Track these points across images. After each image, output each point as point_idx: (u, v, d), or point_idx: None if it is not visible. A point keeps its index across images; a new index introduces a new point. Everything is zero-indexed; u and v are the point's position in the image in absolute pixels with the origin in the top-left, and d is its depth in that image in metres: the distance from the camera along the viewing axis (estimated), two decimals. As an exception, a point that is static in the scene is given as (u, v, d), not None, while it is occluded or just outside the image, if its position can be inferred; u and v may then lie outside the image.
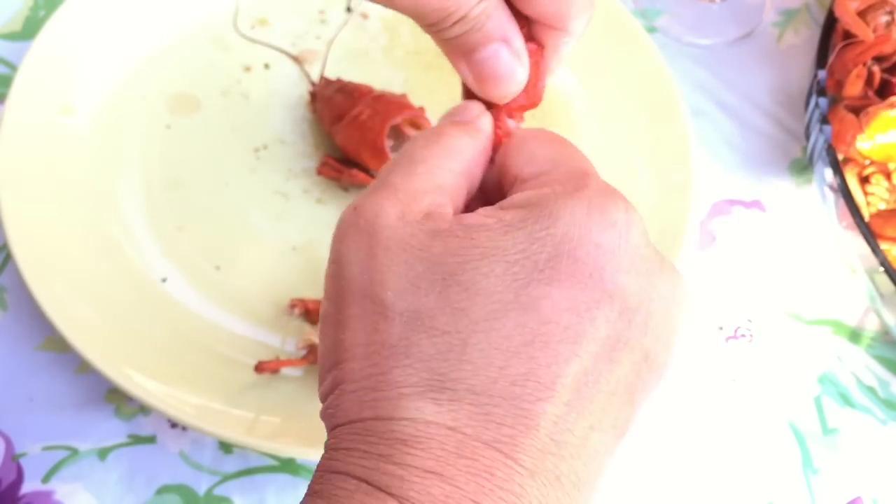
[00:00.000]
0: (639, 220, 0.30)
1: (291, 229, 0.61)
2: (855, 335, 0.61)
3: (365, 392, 0.28)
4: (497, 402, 0.27)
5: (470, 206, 0.32)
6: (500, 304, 0.28)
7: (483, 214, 0.30)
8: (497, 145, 0.35)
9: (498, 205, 0.30)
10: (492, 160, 0.35)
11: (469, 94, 0.35)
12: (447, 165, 0.32)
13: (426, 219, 0.30)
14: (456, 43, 0.32)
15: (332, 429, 0.29)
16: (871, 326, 0.61)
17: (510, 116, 0.35)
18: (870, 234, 0.55)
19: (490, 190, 0.34)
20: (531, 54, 0.34)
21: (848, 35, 0.63)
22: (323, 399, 0.30)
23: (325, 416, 0.30)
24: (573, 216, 0.29)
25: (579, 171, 0.31)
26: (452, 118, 0.34)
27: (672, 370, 0.30)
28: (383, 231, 0.29)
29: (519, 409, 0.27)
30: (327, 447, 0.28)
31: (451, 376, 0.27)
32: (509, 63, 0.33)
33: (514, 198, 0.30)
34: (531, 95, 0.35)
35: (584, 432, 0.28)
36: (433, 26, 0.32)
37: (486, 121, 0.34)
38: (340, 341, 0.29)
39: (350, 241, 0.30)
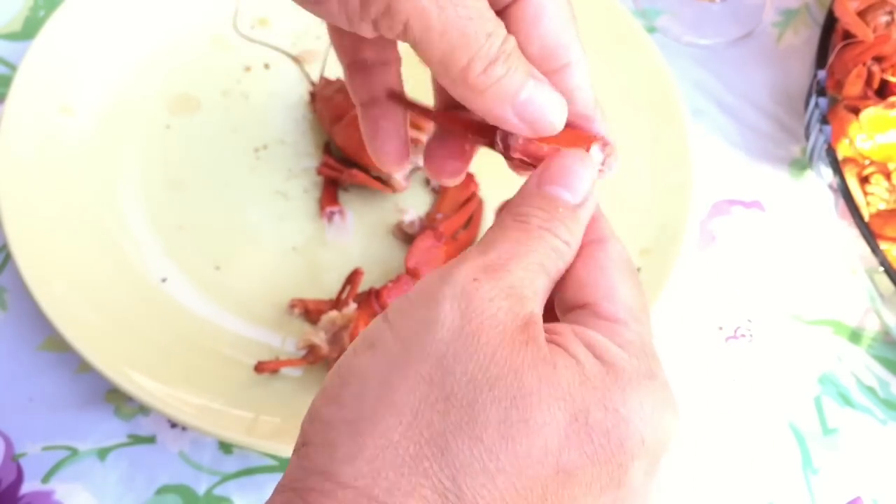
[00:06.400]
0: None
1: (291, 229, 0.61)
2: (855, 335, 0.61)
3: (385, 464, 0.26)
4: None
5: None
6: (544, 454, 0.27)
7: (571, 352, 0.29)
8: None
9: (580, 340, 0.29)
10: None
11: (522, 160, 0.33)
12: (549, 271, 0.31)
13: (525, 326, 0.29)
14: (498, 88, 0.31)
15: (318, 470, 0.27)
16: (872, 327, 0.61)
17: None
18: (870, 234, 0.55)
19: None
20: None
21: (848, 35, 0.63)
22: (317, 411, 0.29)
23: (316, 443, 0.28)
24: (641, 405, 0.29)
25: (651, 350, 0.31)
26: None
27: None
28: (488, 320, 0.28)
29: None
30: (303, 489, 0.27)
31: (469, 499, 0.26)
32: (551, 95, 0.32)
33: (597, 342, 0.30)
34: None
35: None
36: (475, 65, 0.31)
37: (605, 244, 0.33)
38: (387, 381, 0.28)
39: (455, 307, 0.28)
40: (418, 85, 0.38)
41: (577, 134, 0.34)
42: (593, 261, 0.32)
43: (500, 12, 0.32)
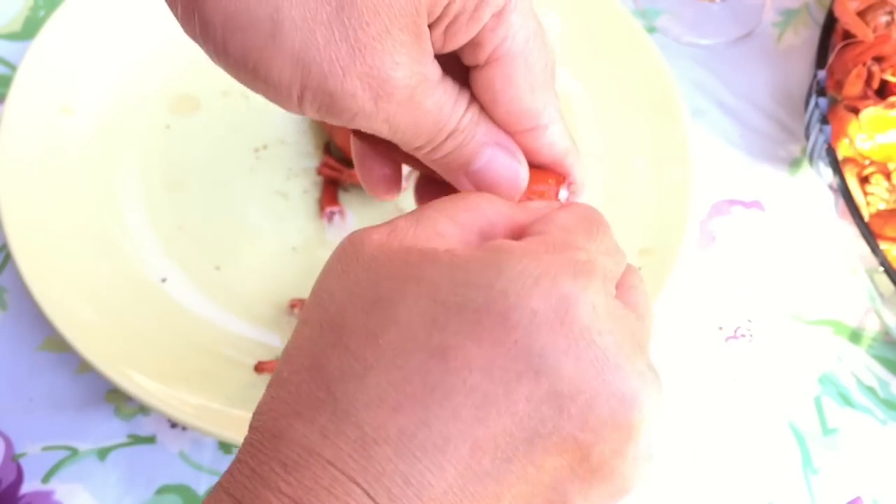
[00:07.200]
0: (604, 305, 0.27)
1: (291, 229, 0.61)
2: (855, 335, 0.61)
3: (276, 400, 0.27)
4: (381, 447, 0.25)
5: None
6: (412, 341, 0.26)
7: (445, 249, 0.28)
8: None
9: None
10: None
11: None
12: (457, 218, 0.30)
13: (403, 248, 0.28)
14: (450, 159, 0.32)
15: (250, 426, 0.28)
16: (872, 327, 0.61)
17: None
18: (870, 234, 0.55)
19: None
20: None
21: (848, 35, 0.63)
22: None
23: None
24: (520, 274, 0.26)
25: (569, 242, 0.29)
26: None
27: (636, 487, 0.28)
28: (358, 246, 0.29)
29: (403, 461, 0.25)
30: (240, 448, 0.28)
31: (344, 403, 0.26)
32: (508, 164, 0.32)
33: (489, 243, 0.29)
34: None
35: None
36: (425, 146, 0.31)
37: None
38: (290, 341, 0.29)
39: (335, 253, 0.30)
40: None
41: (543, 174, 0.34)
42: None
43: (470, 69, 0.31)
